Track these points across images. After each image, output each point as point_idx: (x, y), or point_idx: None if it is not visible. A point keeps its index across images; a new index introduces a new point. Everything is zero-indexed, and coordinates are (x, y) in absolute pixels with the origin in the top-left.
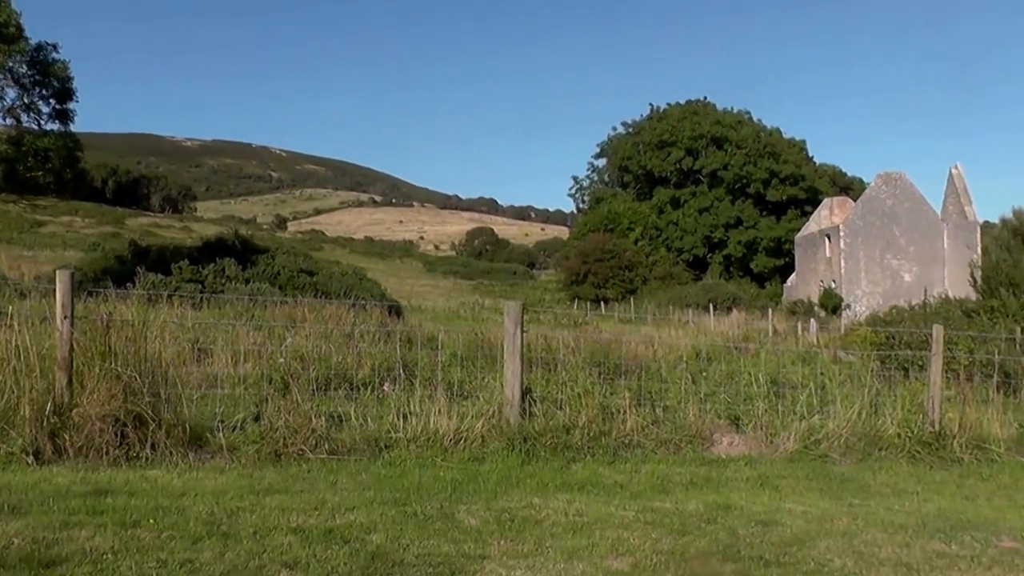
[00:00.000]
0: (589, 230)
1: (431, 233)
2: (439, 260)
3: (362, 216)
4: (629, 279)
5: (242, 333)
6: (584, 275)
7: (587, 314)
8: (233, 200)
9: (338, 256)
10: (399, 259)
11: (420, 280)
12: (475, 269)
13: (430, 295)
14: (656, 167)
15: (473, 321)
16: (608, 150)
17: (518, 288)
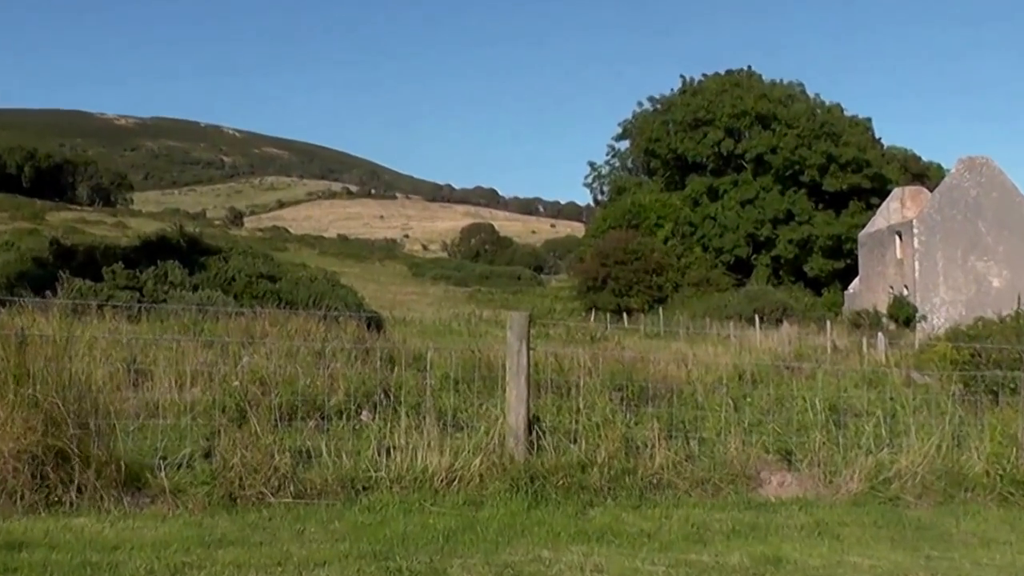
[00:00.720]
0: (609, 226)
1: (418, 230)
2: (428, 263)
3: (334, 210)
4: (657, 285)
5: (189, 351)
6: (603, 281)
7: (607, 328)
8: (177, 190)
9: (305, 258)
10: (379, 261)
11: (405, 287)
12: (471, 274)
13: (417, 305)
14: (690, 151)
15: (469, 336)
16: (632, 130)
17: (523, 296)
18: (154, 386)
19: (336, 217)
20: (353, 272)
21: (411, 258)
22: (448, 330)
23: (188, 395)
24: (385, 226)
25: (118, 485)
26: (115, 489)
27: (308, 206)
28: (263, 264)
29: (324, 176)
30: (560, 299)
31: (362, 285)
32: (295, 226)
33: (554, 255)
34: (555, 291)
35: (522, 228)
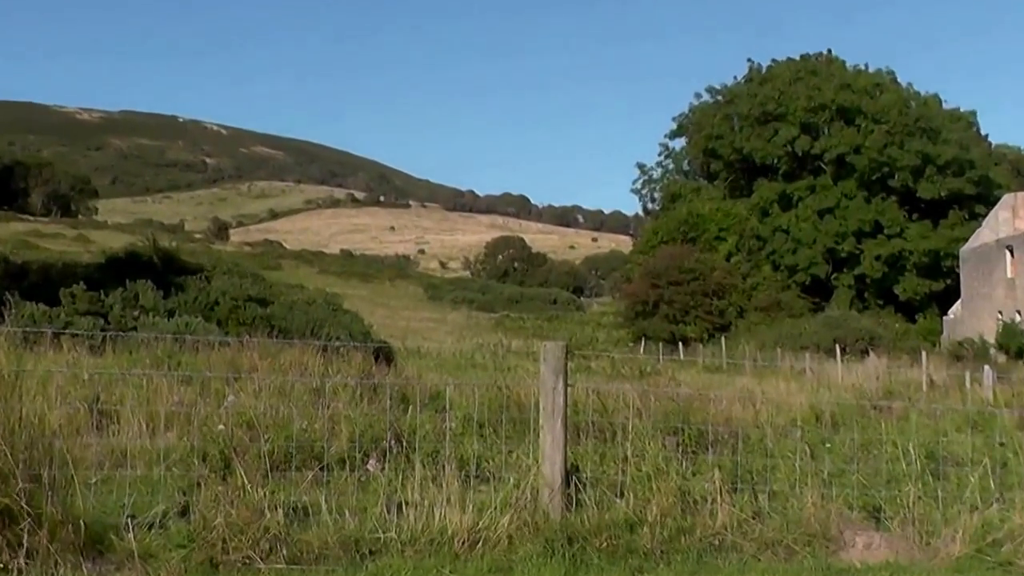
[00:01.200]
0: (661, 240)
1: (436, 245)
2: (447, 283)
3: (337, 220)
4: (718, 310)
5: (163, 388)
6: (654, 304)
7: (659, 360)
8: (151, 198)
9: (302, 277)
10: (390, 282)
11: (420, 311)
12: (498, 296)
13: (434, 333)
14: (757, 150)
15: (495, 371)
16: (689, 126)
17: (560, 324)
18: (121, 430)
19: (339, 229)
20: (359, 294)
21: (427, 277)
22: (471, 363)
23: (162, 441)
24: (397, 239)
25: (76, 549)
26: (73, 553)
27: (306, 216)
28: (252, 285)
29: (325, 181)
30: (603, 326)
31: (369, 310)
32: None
33: (596, 274)
34: (597, 317)
35: (558, 242)
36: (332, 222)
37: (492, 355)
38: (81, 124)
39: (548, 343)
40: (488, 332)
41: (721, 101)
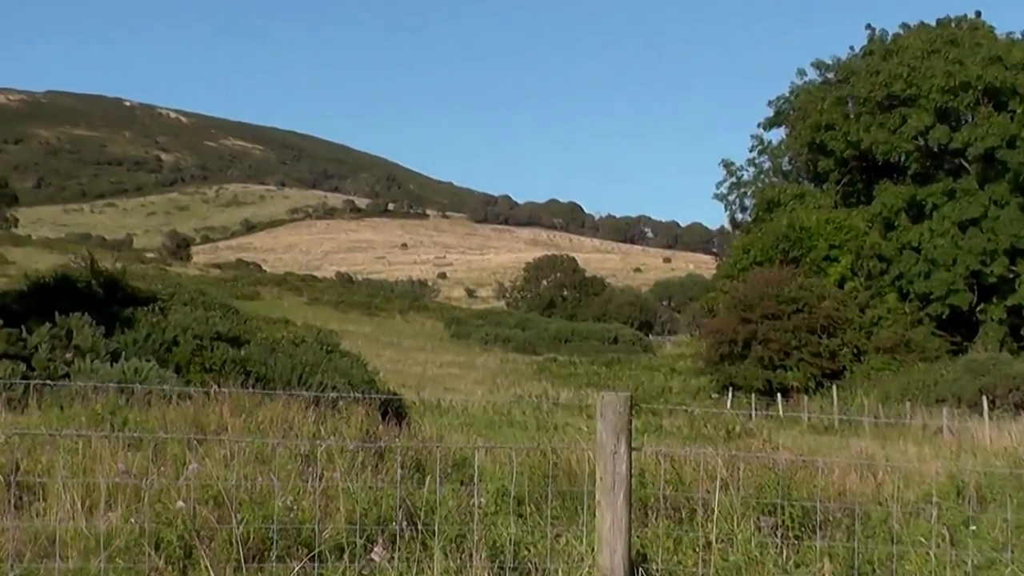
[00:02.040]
0: (754, 261)
1: (461, 266)
2: (475, 317)
3: (333, 235)
4: (829, 351)
5: (104, 454)
6: (745, 344)
7: (751, 416)
8: (88, 205)
9: (288, 310)
10: (401, 315)
11: (440, 353)
12: (542, 334)
13: (459, 381)
14: (880, 144)
15: (539, 431)
16: (790, 114)
17: (622, 369)
18: (48, 509)
19: (335, 246)
20: (361, 331)
21: (450, 309)
22: (507, 421)
23: (102, 523)
24: (410, 259)
25: None
26: None
27: (292, 229)
28: (221, 320)
29: (317, 183)
30: (679, 373)
31: (375, 351)
32: (272, 260)
33: (669, 305)
34: (671, 360)
35: (620, 263)
36: (326, 237)
37: (534, 410)
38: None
39: (607, 394)
40: (529, 380)
41: (832, 80)
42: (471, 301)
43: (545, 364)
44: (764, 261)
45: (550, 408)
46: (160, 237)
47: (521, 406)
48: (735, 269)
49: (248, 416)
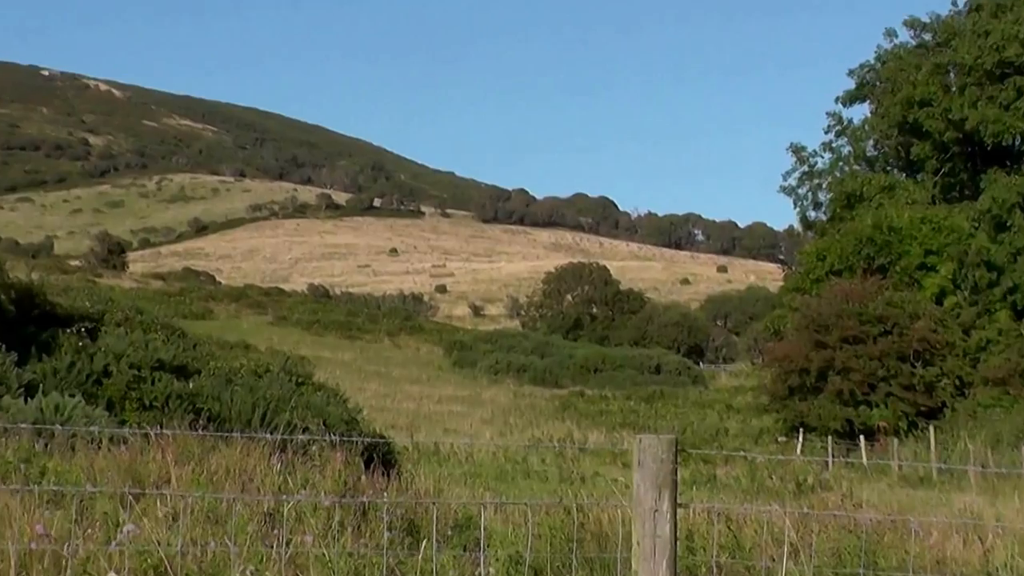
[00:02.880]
0: (831, 270)
1: (465, 276)
2: (482, 340)
3: (305, 237)
4: (925, 383)
5: (17, 511)
6: (821, 374)
7: (828, 464)
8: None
9: (248, 331)
10: (390, 337)
11: (439, 385)
12: (565, 361)
13: (462, 420)
14: (989, 123)
15: (562, 483)
16: (874, 86)
17: (666, 405)
18: None
19: (307, 252)
20: (340, 358)
21: (451, 330)
22: (521, 471)
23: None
24: (401, 268)
25: None
26: None
27: (254, 230)
28: (165, 344)
29: (284, 173)
30: (736, 410)
31: (357, 383)
32: (228, 270)
33: (725, 326)
34: (727, 395)
35: (663, 273)
36: (296, 241)
37: (555, 457)
38: None
39: (646, 437)
40: (549, 419)
41: (929, 44)
42: (477, 320)
43: (570, 399)
44: (843, 270)
45: (575, 455)
46: (87, 241)
47: (540, 452)
48: (807, 280)
49: (198, 465)
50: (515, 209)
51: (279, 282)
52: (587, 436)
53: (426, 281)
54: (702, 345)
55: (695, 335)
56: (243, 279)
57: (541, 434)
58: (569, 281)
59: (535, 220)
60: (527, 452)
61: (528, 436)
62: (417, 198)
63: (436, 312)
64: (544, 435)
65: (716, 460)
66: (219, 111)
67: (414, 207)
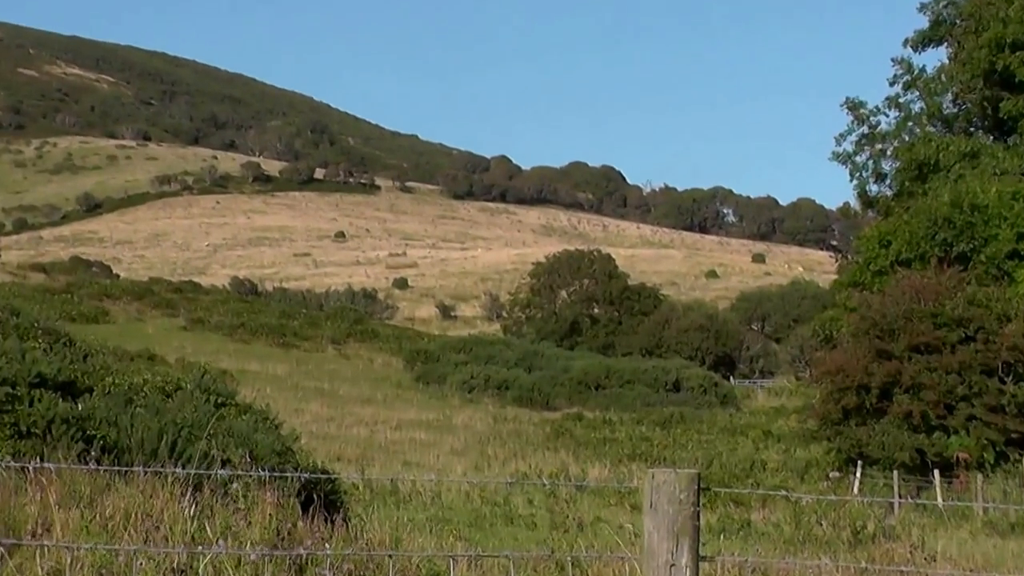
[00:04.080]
0: (897, 259)
1: (431, 268)
2: (453, 348)
3: (227, 218)
4: (1017, 405)
5: None
6: (884, 392)
7: (894, 506)
8: None
9: (154, 337)
10: (336, 345)
11: (399, 406)
12: (559, 375)
13: (428, 450)
14: None
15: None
16: (953, 24)
17: (687, 431)
18: None
19: (231, 237)
20: (271, 372)
21: (414, 336)
22: (503, 515)
23: None
24: (350, 258)
25: None
26: None
27: (161, 209)
28: (47, 355)
29: (201, 137)
30: (777, 437)
31: (294, 403)
32: (129, 259)
33: (762, 330)
34: (764, 418)
35: (683, 263)
36: (215, 223)
37: (547, 498)
38: None
39: (661, 472)
40: (539, 449)
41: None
42: (447, 324)
43: (564, 424)
44: (913, 260)
45: (571, 494)
46: None
47: (526, 491)
48: (867, 273)
49: (88, 508)
50: (495, 182)
51: (194, 275)
52: (586, 471)
53: (382, 274)
54: (733, 355)
55: (724, 342)
56: (147, 271)
57: (528, 468)
58: (564, 274)
59: (520, 196)
60: (510, 491)
61: (511, 471)
62: (370, 168)
63: (395, 313)
64: (532, 469)
65: (750, 501)
66: (117, 57)
67: (366, 180)
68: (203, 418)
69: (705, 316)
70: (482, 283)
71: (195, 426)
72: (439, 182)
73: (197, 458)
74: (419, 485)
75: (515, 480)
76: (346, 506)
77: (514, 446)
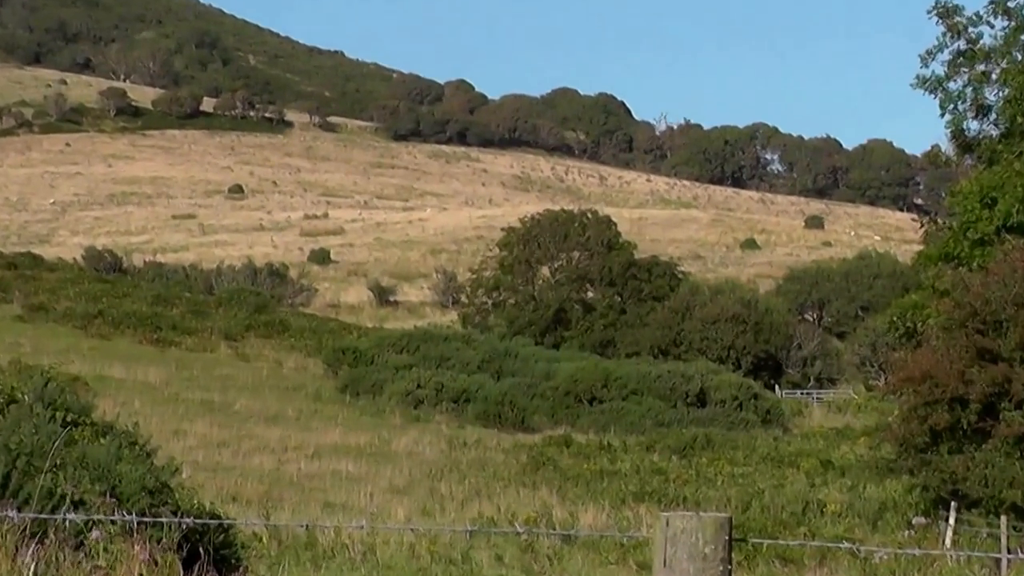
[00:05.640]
0: (1003, 224)
1: (363, 235)
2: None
3: (78, 167)
4: None
5: None
6: (986, 407)
7: (1002, 564)
8: None
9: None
10: (231, 342)
11: (316, 424)
12: (538, 382)
13: (357, 486)
14: None
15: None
16: None
17: (715, 461)
18: None
19: (86, 192)
20: (141, 379)
21: (337, 329)
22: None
23: None
24: (251, 220)
25: None
26: None
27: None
28: None
29: (42, 54)
30: (841, 470)
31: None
32: None
33: (818, 320)
34: (822, 442)
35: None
36: (64, 172)
37: (522, 551)
38: None
39: (679, 517)
40: (511, 485)
41: None
42: (384, 312)
43: (546, 450)
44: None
45: (556, 548)
46: None
47: (493, 544)
48: (963, 243)
49: None
50: (451, 117)
51: (33, 245)
52: (576, 515)
53: (294, 243)
54: (779, 356)
55: (767, 338)
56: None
57: (496, 512)
58: (546, 244)
59: (486, 137)
60: (471, 543)
61: (473, 515)
62: (279, 98)
63: (312, 298)
64: (501, 513)
65: (803, 557)
66: None
67: (273, 114)
68: (46, 443)
69: (741, 302)
70: (433, 256)
71: (35, 454)
72: (373, 117)
73: (38, 497)
74: (345, 535)
75: (478, 528)
76: (245, 564)
77: (477, 481)
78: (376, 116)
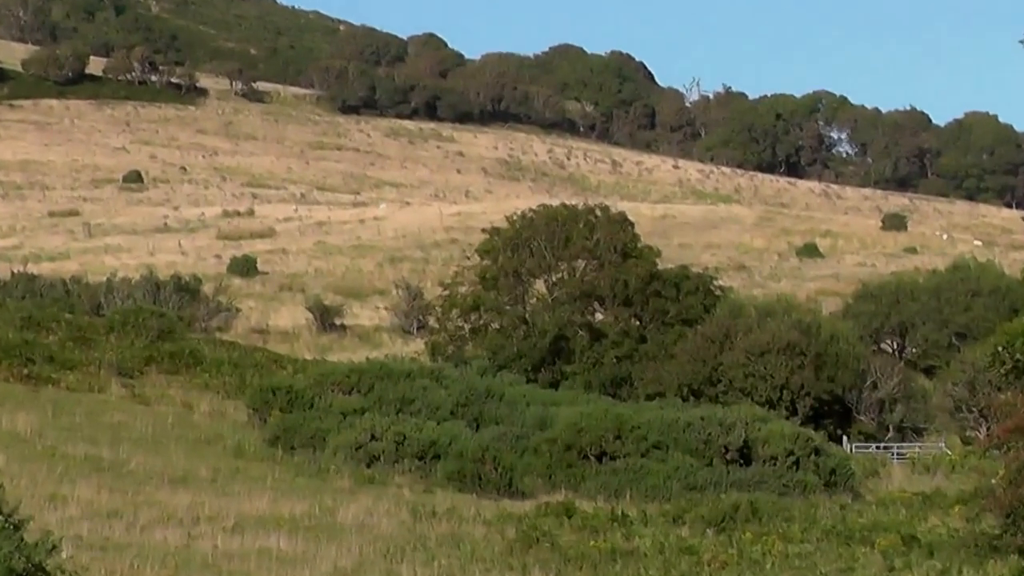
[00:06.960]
0: None
1: (299, 236)
2: (340, 383)
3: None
4: None
5: None
6: None
7: None
8: None
9: None
10: (124, 380)
11: (237, 488)
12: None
13: (293, 567)
14: None
15: None
16: None
17: (763, 535)
18: None
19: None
20: (6, 427)
21: (265, 362)
22: None
23: None
24: (152, 220)
25: None
26: None
27: None
28: None
29: None
30: (930, 549)
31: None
32: None
33: (898, 352)
34: (905, 511)
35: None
36: None
37: None
38: None
39: None
40: (493, 569)
41: None
42: (327, 340)
43: (540, 523)
44: None
45: None
46: None
47: None
48: None
49: None
50: (417, 83)
51: None
52: None
53: (210, 249)
54: (848, 398)
55: (832, 374)
56: None
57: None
58: (541, 250)
59: (462, 109)
60: None
61: None
62: (189, 57)
63: (233, 321)
64: None
65: None
66: None
67: (182, 79)
68: None
69: (797, 327)
70: (391, 266)
71: None
72: (313, 83)
73: None
74: None
75: None
76: None
77: (449, 563)
78: (317, 82)
